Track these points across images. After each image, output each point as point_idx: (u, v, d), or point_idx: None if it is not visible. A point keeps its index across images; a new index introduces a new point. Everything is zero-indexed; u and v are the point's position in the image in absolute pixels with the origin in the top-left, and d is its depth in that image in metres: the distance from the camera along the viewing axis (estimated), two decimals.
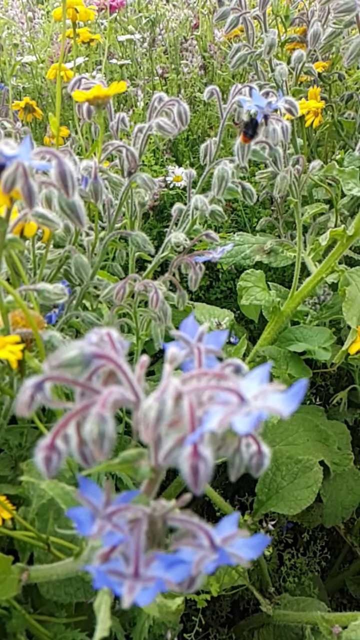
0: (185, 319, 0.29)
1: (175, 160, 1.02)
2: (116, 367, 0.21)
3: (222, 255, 0.86)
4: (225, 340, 0.29)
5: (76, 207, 0.30)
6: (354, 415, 0.91)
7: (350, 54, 0.50)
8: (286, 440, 0.76)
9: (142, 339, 0.54)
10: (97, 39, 0.75)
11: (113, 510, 0.21)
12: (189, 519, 0.22)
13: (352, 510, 0.81)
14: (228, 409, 0.18)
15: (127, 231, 0.50)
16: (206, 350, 0.28)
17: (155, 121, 0.45)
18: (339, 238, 0.58)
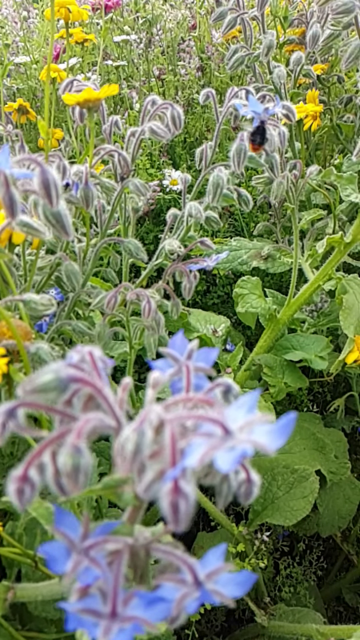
0: (175, 335, 0.28)
1: (172, 163, 1.01)
2: (95, 391, 0.20)
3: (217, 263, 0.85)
4: (219, 351, 0.28)
5: (61, 217, 0.29)
6: (351, 423, 0.90)
7: (349, 57, 0.48)
8: (282, 449, 0.75)
9: (135, 348, 0.53)
10: (91, 39, 0.74)
11: (91, 543, 0.19)
12: (173, 550, 0.21)
13: (348, 519, 0.80)
14: (211, 442, 0.16)
15: (120, 238, 0.49)
16: (196, 369, 0.27)
17: (148, 125, 0.44)
18: (337, 245, 0.57)
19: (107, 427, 0.20)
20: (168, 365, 0.27)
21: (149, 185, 0.85)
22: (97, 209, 0.51)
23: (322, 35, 0.54)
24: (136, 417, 0.19)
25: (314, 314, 0.68)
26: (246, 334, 0.99)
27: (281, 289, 1.00)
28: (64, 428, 0.19)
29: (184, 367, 0.26)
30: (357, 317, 0.56)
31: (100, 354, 0.25)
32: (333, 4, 0.46)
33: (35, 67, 0.80)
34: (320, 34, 0.62)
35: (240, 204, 0.50)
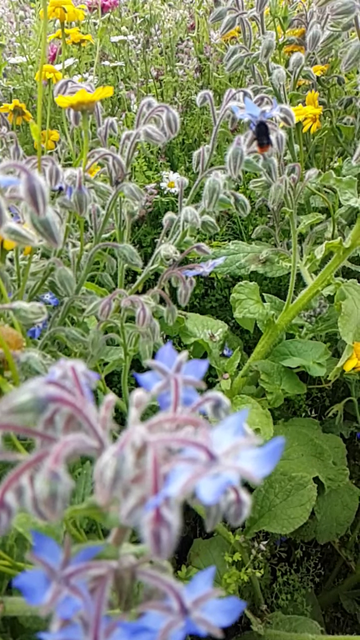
0: (163, 346, 0.27)
1: (170, 165, 1.00)
2: (75, 410, 0.19)
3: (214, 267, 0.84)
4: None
5: (49, 225, 0.28)
6: (349, 428, 0.89)
7: (348, 58, 0.48)
8: (280, 455, 0.74)
9: (130, 355, 0.52)
10: (88, 40, 0.73)
11: (72, 571, 0.19)
12: (159, 575, 0.20)
13: (346, 526, 0.80)
14: (194, 469, 0.16)
15: (114, 243, 0.48)
16: (185, 382, 0.26)
17: (143, 129, 0.43)
18: (336, 250, 0.56)
19: (88, 447, 0.19)
20: (156, 379, 0.26)
21: (146, 188, 0.84)
22: (92, 213, 0.50)
23: (322, 36, 0.53)
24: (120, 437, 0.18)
25: (312, 319, 0.68)
26: (244, 337, 0.99)
27: (280, 293, 0.99)
28: (42, 451, 0.18)
29: (173, 381, 0.25)
30: (356, 324, 0.55)
31: (83, 369, 0.24)
32: (332, 5, 0.46)
33: (31, 67, 0.79)
34: (320, 35, 0.61)
35: (237, 208, 0.49)
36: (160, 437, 0.17)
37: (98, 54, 0.72)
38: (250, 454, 0.16)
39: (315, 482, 0.72)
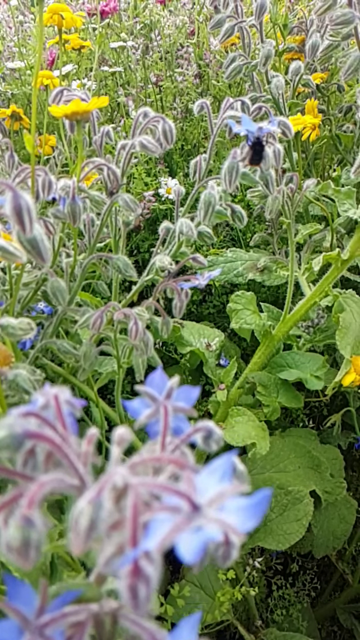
0: (153, 372, 0.26)
1: (169, 170, 1.00)
2: (54, 447, 0.18)
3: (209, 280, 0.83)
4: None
5: (37, 242, 0.27)
6: (347, 439, 0.88)
7: (348, 69, 0.47)
8: (277, 467, 0.73)
9: (123, 367, 0.51)
10: (87, 46, 0.73)
11: (47, 620, 0.17)
12: (142, 623, 0.19)
13: (343, 539, 0.78)
14: (175, 522, 0.15)
15: (108, 254, 0.47)
16: (175, 409, 0.25)
17: (138, 140, 0.42)
18: (334, 262, 0.55)
19: (69, 486, 0.18)
20: (145, 405, 0.25)
21: (144, 196, 0.83)
22: (86, 222, 0.49)
23: (322, 45, 0.52)
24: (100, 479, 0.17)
25: (310, 330, 0.67)
26: (242, 345, 0.98)
27: (278, 301, 0.98)
28: (17, 492, 0.17)
29: (162, 408, 0.24)
30: (355, 337, 0.54)
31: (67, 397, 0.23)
32: (332, 15, 0.45)
33: (29, 72, 0.79)
34: (320, 44, 0.60)
35: (234, 220, 0.48)
36: (142, 481, 0.16)
37: (97, 60, 0.71)
38: (236, 505, 0.15)
39: (312, 496, 0.71)
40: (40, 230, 0.27)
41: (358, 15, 0.45)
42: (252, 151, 0.38)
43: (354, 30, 0.46)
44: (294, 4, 0.90)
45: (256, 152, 0.38)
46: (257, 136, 0.37)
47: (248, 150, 0.38)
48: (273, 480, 0.72)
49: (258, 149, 0.38)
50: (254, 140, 0.37)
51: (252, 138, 0.38)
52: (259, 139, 0.37)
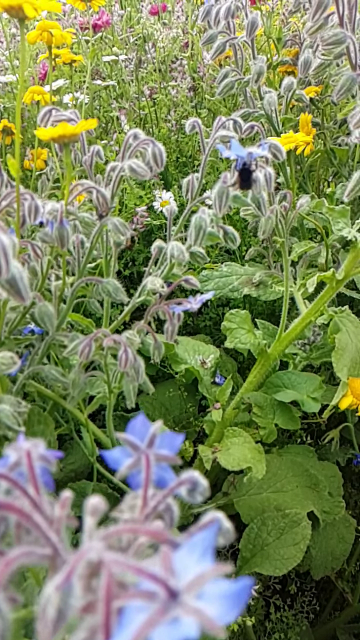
0: (134, 418, 0.25)
1: (164, 182, 0.99)
2: (22, 517, 0.17)
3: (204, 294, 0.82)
4: (181, 444, 0.25)
5: (15, 282, 0.26)
6: (346, 455, 0.86)
7: (340, 89, 0.46)
8: (274, 487, 0.72)
9: (114, 392, 0.50)
10: (79, 60, 0.72)
11: None
12: None
13: (342, 559, 0.77)
14: (150, 613, 0.13)
15: (98, 278, 0.46)
16: (158, 458, 0.24)
17: (128, 163, 0.42)
18: (328, 282, 0.55)
19: (40, 556, 0.17)
20: (126, 455, 0.24)
21: (136, 211, 0.82)
22: (76, 244, 0.48)
23: (314, 62, 0.52)
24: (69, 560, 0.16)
25: (306, 347, 0.65)
26: (238, 359, 0.96)
27: (274, 313, 0.97)
28: None
29: (144, 458, 0.23)
30: (351, 358, 0.53)
31: (41, 453, 0.22)
32: (323, 35, 0.44)
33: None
34: (312, 60, 0.59)
35: (226, 241, 0.47)
36: (117, 559, 0.15)
37: (89, 74, 0.70)
38: (217, 591, 0.14)
39: (311, 516, 0.69)
40: (19, 268, 0.26)
41: (349, 35, 0.44)
42: (240, 177, 0.37)
43: (346, 49, 0.45)
44: (288, 17, 0.90)
45: (244, 178, 0.37)
46: (244, 162, 0.37)
47: (237, 176, 0.37)
48: (270, 501, 0.70)
49: (246, 175, 0.37)
50: (242, 167, 0.37)
51: (240, 164, 0.37)
52: (245, 165, 0.37)
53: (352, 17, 0.46)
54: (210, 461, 0.60)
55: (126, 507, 0.22)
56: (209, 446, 0.66)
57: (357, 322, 0.56)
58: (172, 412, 0.89)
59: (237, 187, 0.38)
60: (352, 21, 0.47)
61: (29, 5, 0.35)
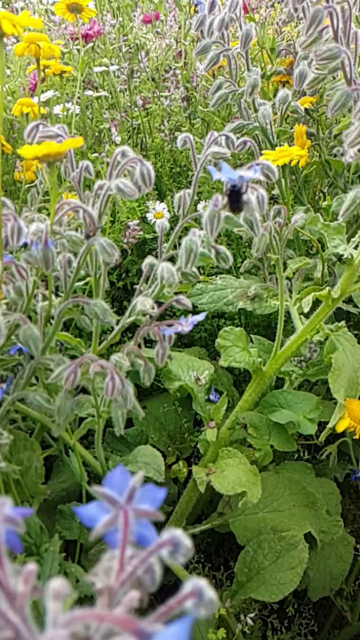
0: (113, 470, 0.23)
1: (158, 193, 0.97)
2: None
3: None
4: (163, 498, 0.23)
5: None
6: (344, 470, 0.85)
7: (334, 104, 0.45)
8: (270, 507, 0.70)
9: (103, 416, 0.48)
10: (69, 71, 0.71)
11: None
12: None
13: (341, 579, 0.75)
14: None
15: (85, 299, 0.44)
16: (138, 513, 0.22)
17: (115, 183, 0.40)
18: (324, 300, 0.53)
19: None
20: (103, 510, 0.22)
21: (128, 225, 0.81)
22: (62, 264, 0.47)
23: (309, 76, 0.50)
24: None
25: (302, 364, 0.64)
26: (234, 371, 0.95)
27: (270, 326, 0.96)
28: None
29: (122, 514, 0.21)
30: (348, 378, 0.51)
31: (6, 514, 0.20)
32: (317, 50, 0.43)
33: (10, 98, 0.76)
34: (307, 72, 0.58)
35: (218, 261, 0.45)
36: None
37: (79, 85, 0.69)
38: None
39: (308, 536, 0.68)
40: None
41: (344, 49, 0.43)
42: (229, 199, 0.36)
43: (341, 64, 0.44)
44: (282, 26, 0.89)
45: (234, 200, 0.36)
46: (232, 185, 0.35)
47: (226, 199, 0.36)
48: (267, 522, 0.68)
49: (235, 198, 0.36)
50: (230, 190, 0.35)
51: (227, 189, 0.36)
52: (234, 187, 0.35)
53: (346, 30, 0.45)
54: (204, 483, 0.58)
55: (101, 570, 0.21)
56: (203, 466, 0.64)
57: (353, 340, 0.55)
58: (166, 427, 0.87)
59: (227, 209, 0.37)
60: (347, 35, 0.45)
61: (7, 22, 0.33)
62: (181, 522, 0.71)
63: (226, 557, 0.92)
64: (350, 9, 0.45)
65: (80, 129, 0.89)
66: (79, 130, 0.89)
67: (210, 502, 0.82)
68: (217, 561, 0.92)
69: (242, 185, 0.35)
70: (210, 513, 0.78)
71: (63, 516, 0.69)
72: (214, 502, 0.77)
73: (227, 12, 0.58)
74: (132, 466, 0.51)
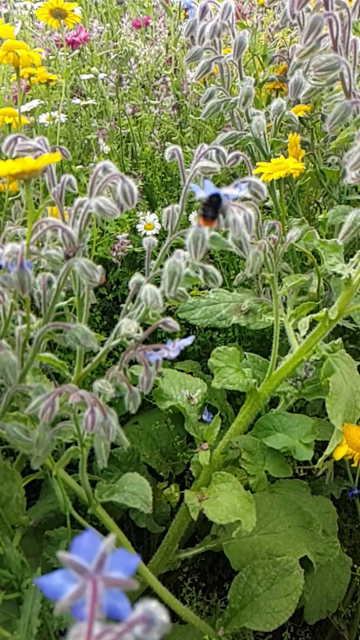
0: (81, 535, 0.20)
1: (149, 203, 0.95)
2: None
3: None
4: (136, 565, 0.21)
5: None
6: (340, 487, 0.82)
7: (333, 118, 0.42)
8: (265, 528, 0.67)
9: (86, 445, 0.45)
10: (54, 79, 0.68)
11: None
12: None
13: (338, 601, 0.72)
14: None
15: (65, 324, 0.42)
16: (108, 582, 0.19)
17: (95, 201, 0.37)
18: (321, 321, 0.51)
19: None
20: (70, 580, 0.19)
21: (117, 238, 0.78)
22: (42, 285, 0.44)
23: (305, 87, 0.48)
24: None
25: (298, 384, 0.61)
26: None
27: (264, 339, 0.93)
28: None
29: (90, 585, 0.19)
30: (346, 402, 0.49)
31: None
32: (315, 60, 0.41)
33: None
34: (303, 82, 0.56)
35: (206, 281, 0.43)
36: None
37: (64, 93, 0.66)
38: None
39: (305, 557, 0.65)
40: None
41: (344, 59, 0.40)
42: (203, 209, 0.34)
43: (340, 75, 0.41)
44: (274, 32, 0.87)
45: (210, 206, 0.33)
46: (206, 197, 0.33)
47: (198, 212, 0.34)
48: (262, 545, 0.66)
49: (214, 203, 0.33)
50: (205, 202, 0.33)
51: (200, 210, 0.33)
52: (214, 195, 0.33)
53: (345, 39, 0.43)
54: (196, 510, 0.55)
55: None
56: (195, 490, 0.61)
57: (351, 362, 0.52)
58: (159, 444, 0.84)
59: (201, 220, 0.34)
60: (346, 43, 0.43)
61: None
62: (173, 546, 0.68)
63: (221, 575, 0.89)
64: (350, 17, 0.43)
65: (68, 137, 0.86)
66: (66, 139, 0.87)
67: (205, 519, 0.80)
68: (212, 579, 0.90)
69: (228, 205, 0.33)
70: (204, 531, 0.75)
71: (50, 542, 0.66)
72: (208, 520, 0.75)
73: (220, 18, 0.56)
74: (118, 496, 0.49)
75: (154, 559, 0.68)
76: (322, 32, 0.42)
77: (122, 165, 0.90)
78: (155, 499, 0.69)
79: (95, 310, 0.91)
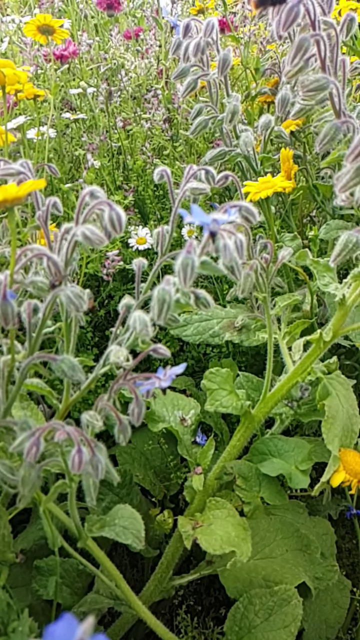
0: (57, 621, 0.18)
1: (141, 216, 0.94)
2: None
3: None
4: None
5: None
6: (338, 507, 0.81)
7: (323, 138, 0.41)
8: (262, 553, 0.66)
9: (75, 480, 0.43)
10: (42, 95, 0.67)
11: None
12: None
13: (337, 627, 0.71)
14: None
15: (51, 355, 0.40)
16: None
17: (81, 230, 0.36)
18: (315, 343, 0.49)
19: None
20: None
21: (107, 256, 0.77)
22: (27, 313, 0.42)
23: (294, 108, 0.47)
24: None
25: (293, 404, 0.60)
26: None
27: (259, 354, 0.92)
28: None
29: None
30: (342, 426, 0.48)
31: None
32: (304, 80, 0.40)
33: None
34: (290, 97, 0.55)
35: (198, 306, 0.41)
36: None
37: (52, 108, 0.65)
38: None
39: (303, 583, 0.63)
40: None
41: (332, 80, 0.40)
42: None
43: (329, 95, 0.41)
44: (266, 45, 0.87)
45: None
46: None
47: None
48: (258, 570, 0.64)
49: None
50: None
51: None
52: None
53: (334, 59, 0.42)
54: (190, 538, 0.53)
55: None
56: (189, 516, 0.59)
57: (347, 384, 0.51)
58: (152, 463, 0.82)
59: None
60: (335, 63, 0.42)
61: None
62: (167, 573, 0.66)
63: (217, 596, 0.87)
64: (337, 36, 0.42)
65: (58, 150, 0.85)
66: (56, 152, 0.85)
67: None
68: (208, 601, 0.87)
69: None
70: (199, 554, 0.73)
71: (40, 572, 0.64)
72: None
73: (203, 36, 0.55)
74: (109, 530, 0.47)
75: (147, 587, 0.65)
76: (310, 53, 0.41)
77: (113, 178, 0.89)
78: (148, 525, 0.67)
79: (87, 327, 0.90)
